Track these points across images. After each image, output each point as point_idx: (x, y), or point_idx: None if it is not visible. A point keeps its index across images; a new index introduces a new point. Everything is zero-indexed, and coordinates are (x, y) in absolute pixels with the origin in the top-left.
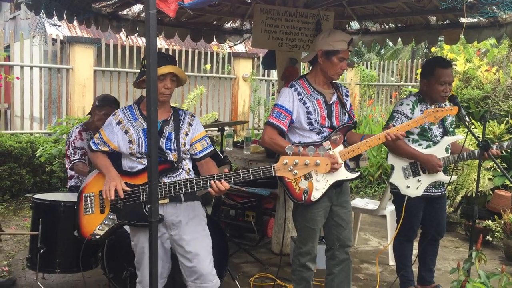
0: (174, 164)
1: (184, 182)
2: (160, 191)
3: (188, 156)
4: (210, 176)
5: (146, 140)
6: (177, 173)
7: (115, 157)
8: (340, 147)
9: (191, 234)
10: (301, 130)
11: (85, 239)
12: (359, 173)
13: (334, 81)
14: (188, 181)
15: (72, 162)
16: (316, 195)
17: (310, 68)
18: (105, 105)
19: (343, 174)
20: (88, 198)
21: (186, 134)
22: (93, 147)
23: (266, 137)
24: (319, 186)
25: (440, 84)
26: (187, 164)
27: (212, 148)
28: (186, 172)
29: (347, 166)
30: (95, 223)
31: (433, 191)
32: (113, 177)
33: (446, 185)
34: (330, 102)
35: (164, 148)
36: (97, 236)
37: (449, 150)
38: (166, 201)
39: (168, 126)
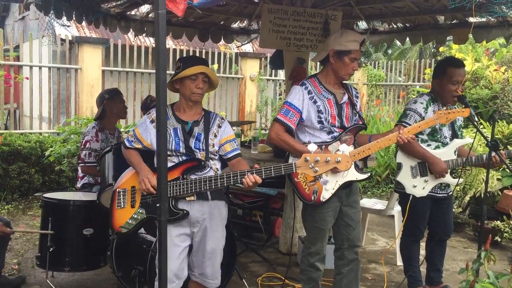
0: (202, 162)
1: (209, 178)
2: (188, 187)
3: (217, 157)
4: (233, 173)
5: (176, 139)
6: (205, 172)
7: (147, 156)
8: (351, 148)
9: (212, 232)
10: (312, 129)
11: (115, 231)
12: (368, 173)
13: (346, 81)
14: (213, 177)
15: (86, 164)
16: (325, 195)
17: (322, 67)
18: (115, 94)
19: (353, 174)
20: (121, 193)
21: (215, 136)
22: (127, 144)
23: (273, 133)
24: (329, 186)
25: (452, 83)
26: (215, 164)
27: (238, 151)
28: (213, 171)
29: (356, 167)
30: (126, 217)
31: (439, 192)
32: (146, 174)
33: (452, 186)
34: (341, 102)
35: (193, 147)
36: (126, 229)
37: (456, 153)
38: (193, 198)
39: (198, 126)
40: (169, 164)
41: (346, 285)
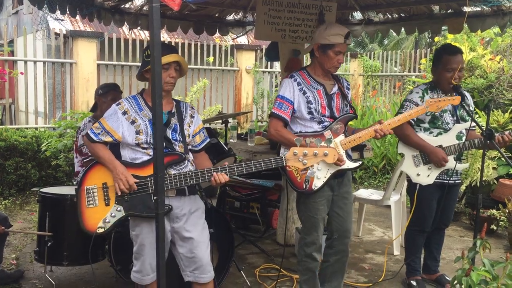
0: (182, 155)
1: (195, 173)
2: (169, 182)
3: (190, 147)
4: (222, 168)
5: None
6: (183, 165)
7: (112, 148)
8: (341, 137)
9: (194, 226)
10: (302, 119)
11: (90, 233)
12: (360, 162)
13: (334, 73)
14: (199, 172)
15: (88, 158)
16: (317, 183)
17: (310, 60)
18: (109, 90)
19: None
20: (91, 191)
21: (189, 126)
22: (94, 138)
23: (272, 129)
24: (320, 175)
25: (447, 71)
26: (190, 156)
27: (208, 140)
28: (190, 164)
29: (348, 156)
30: (100, 216)
31: (445, 178)
32: (122, 172)
33: (458, 173)
34: (331, 93)
35: (171, 139)
36: (103, 229)
37: (463, 138)
38: (172, 193)
39: (173, 117)
40: (145, 158)
41: (332, 273)
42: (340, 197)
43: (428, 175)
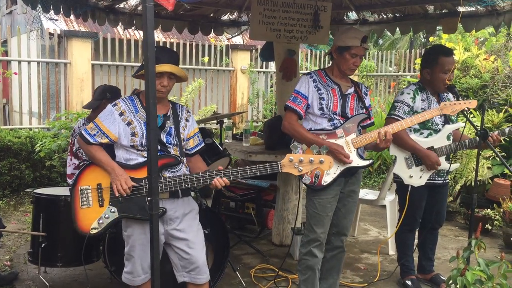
0: (178, 158)
1: (190, 177)
2: (164, 185)
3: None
4: (217, 172)
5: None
6: (178, 168)
7: (106, 148)
8: (353, 135)
9: (188, 227)
10: (313, 116)
11: (83, 233)
12: (371, 160)
13: (350, 75)
14: (194, 176)
15: (84, 161)
16: (327, 179)
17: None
18: (116, 96)
19: (354, 161)
20: (85, 191)
21: (183, 129)
22: (90, 139)
23: (286, 122)
24: (330, 170)
25: (444, 72)
26: (184, 159)
27: (203, 144)
28: (185, 167)
29: (359, 155)
30: (93, 217)
31: (437, 179)
32: (121, 174)
33: (448, 172)
34: (346, 93)
35: (165, 143)
36: (96, 230)
37: (451, 138)
38: (165, 196)
39: (169, 120)
40: (140, 160)
41: (327, 270)
42: (346, 195)
43: (421, 177)
